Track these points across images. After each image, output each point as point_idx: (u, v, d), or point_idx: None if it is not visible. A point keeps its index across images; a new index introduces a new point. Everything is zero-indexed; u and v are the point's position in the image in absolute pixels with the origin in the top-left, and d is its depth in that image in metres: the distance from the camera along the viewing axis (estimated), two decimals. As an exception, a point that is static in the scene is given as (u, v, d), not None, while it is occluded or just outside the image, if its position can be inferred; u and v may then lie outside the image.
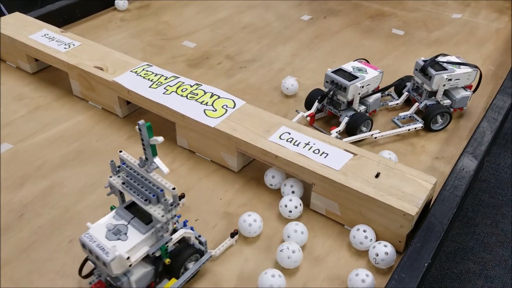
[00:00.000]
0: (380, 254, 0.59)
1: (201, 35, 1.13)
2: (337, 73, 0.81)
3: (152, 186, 0.51)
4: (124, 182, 0.53)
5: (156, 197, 0.51)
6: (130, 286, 0.52)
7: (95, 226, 0.52)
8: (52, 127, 0.83)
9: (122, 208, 0.54)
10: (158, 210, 0.51)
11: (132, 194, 0.52)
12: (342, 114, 0.81)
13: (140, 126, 0.49)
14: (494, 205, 1.55)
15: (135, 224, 0.52)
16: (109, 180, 0.55)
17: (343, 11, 1.25)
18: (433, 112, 0.81)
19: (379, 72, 0.82)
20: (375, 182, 0.63)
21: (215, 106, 0.76)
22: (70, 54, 0.89)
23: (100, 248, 0.50)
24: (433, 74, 0.80)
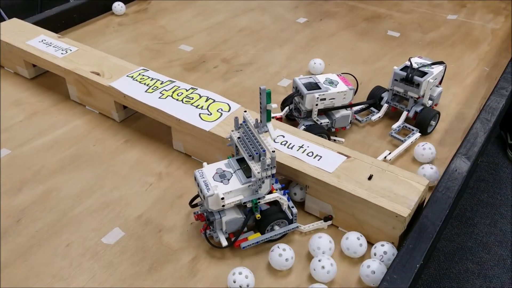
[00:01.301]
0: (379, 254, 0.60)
1: (198, 39, 1.14)
2: (304, 80, 0.80)
3: (258, 145, 0.59)
4: (239, 137, 0.61)
5: (258, 155, 0.58)
6: (221, 224, 0.60)
7: (208, 166, 0.61)
8: (50, 132, 0.84)
9: (234, 159, 0.63)
10: (257, 167, 0.58)
11: (242, 148, 0.60)
12: (301, 122, 0.80)
13: (261, 91, 0.56)
14: (492, 204, 1.56)
15: (238, 174, 0.61)
16: (230, 134, 0.63)
17: (339, 14, 1.26)
18: (427, 118, 0.81)
19: (348, 88, 0.79)
20: (368, 184, 0.63)
21: (210, 110, 0.77)
22: (67, 59, 0.90)
23: (204, 184, 0.59)
24: (420, 81, 0.80)
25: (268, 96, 0.56)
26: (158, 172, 0.76)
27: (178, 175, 0.76)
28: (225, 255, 0.63)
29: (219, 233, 0.61)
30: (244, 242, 0.62)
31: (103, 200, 0.71)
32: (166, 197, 0.71)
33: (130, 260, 0.62)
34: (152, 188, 0.73)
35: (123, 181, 0.74)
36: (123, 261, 0.62)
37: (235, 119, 0.62)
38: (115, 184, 0.73)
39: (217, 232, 0.61)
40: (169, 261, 0.62)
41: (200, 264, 0.62)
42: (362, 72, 1.01)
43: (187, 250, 0.64)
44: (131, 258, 0.62)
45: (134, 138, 0.83)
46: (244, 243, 0.62)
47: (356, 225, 0.65)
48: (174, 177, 0.75)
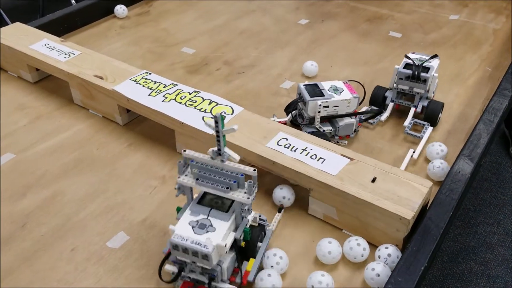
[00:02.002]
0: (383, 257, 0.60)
1: (200, 41, 1.14)
2: (308, 87, 0.80)
3: (231, 173, 0.54)
4: (198, 178, 0.55)
5: (237, 183, 0.54)
6: (223, 274, 0.55)
7: (179, 227, 0.54)
8: (53, 136, 0.84)
9: (195, 204, 0.56)
10: (241, 194, 0.54)
11: (210, 187, 0.54)
12: (304, 129, 0.80)
13: (217, 119, 0.52)
14: (495, 204, 1.56)
15: (215, 215, 0.55)
16: (179, 181, 0.56)
17: (340, 15, 1.26)
18: (436, 110, 0.84)
19: (353, 96, 0.79)
20: (372, 186, 0.64)
21: (213, 113, 0.77)
22: (70, 63, 0.91)
23: (196, 244, 0.52)
24: (427, 76, 0.82)
25: (223, 122, 0.52)
26: (161, 175, 0.76)
27: (181, 178, 0.76)
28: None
29: (222, 284, 0.55)
30: (248, 275, 0.58)
31: (107, 204, 0.71)
32: (170, 200, 0.72)
33: (135, 264, 0.62)
34: (156, 192, 0.73)
35: (126, 185, 0.74)
36: (128, 265, 0.62)
37: (179, 163, 0.56)
38: (119, 188, 0.74)
39: (219, 285, 0.55)
40: (174, 264, 0.62)
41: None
42: (364, 73, 1.02)
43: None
44: (136, 262, 0.63)
45: (138, 142, 0.83)
46: (250, 276, 0.58)
47: (360, 228, 0.65)
48: (177, 181, 0.75)
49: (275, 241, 0.66)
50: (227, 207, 0.56)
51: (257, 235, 0.59)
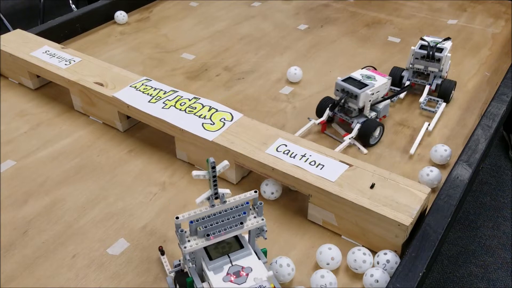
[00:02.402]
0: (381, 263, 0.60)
1: (200, 47, 1.14)
2: (347, 81, 0.83)
3: (237, 208, 0.51)
4: (208, 234, 0.50)
5: (245, 214, 0.52)
6: None
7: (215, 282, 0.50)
8: (54, 143, 0.85)
9: (209, 263, 0.52)
10: (252, 220, 0.53)
11: (224, 234, 0.51)
12: (354, 121, 0.83)
13: (214, 164, 0.48)
14: (495, 207, 1.56)
15: (237, 257, 0.52)
16: (187, 251, 0.50)
17: (340, 20, 1.27)
18: (449, 88, 0.92)
19: (387, 79, 0.84)
20: (370, 193, 0.64)
21: (213, 120, 0.78)
22: (70, 70, 0.91)
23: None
24: (441, 56, 0.90)
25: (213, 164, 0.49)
26: (161, 181, 0.77)
27: (181, 184, 0.76)
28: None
29: None
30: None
31: (107, 210, 0.72)
32: (170, 207, 0.72)
33: (135, 271, 0.63)
34: (156, 198, 0.74)
35: (127, 192, 0.75)
36: (129, 271, 0.63)
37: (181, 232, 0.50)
38: (119, 195, 0.74)
39: None
40: (174, 271, 0.63)
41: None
42: (363, 78, 1.02)
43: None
44: (136, 269, 0.63)
45: (138, 148, 0.84)
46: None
47: (360, 234, 0.65)
48: (177, 187, 0.76)
49: (275, 247, 0.66)
50: (238, 243, 0.53)
51: None
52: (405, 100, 0.95)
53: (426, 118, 0.89)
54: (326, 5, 1.35)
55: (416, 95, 0.96)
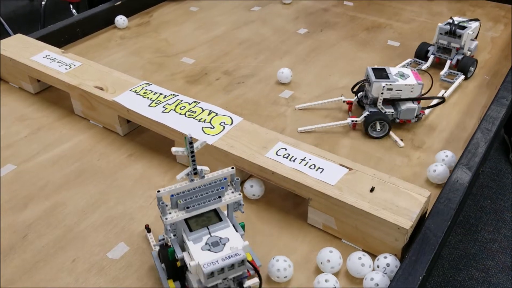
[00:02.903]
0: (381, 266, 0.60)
1: (199, 51, 1.15)
2: (376, 70, 0.86)
3: (215, 183, 0.54)
4: (187, 207, 0.53)
5: (223, 188, 0.55)
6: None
7: (200, 259, 0.51)
8: (55, 147, 0.85)
9: (189, 233, 0.54)
10: (230, 195, 0.55)
11: (203, 207, 0.54)
12: (366, 108, 0.87)
13: (191, 140, 0.52)
14: (496, 211, 1.56)
15: (215, 228, 0.55)
16: (168, 222, 0.53)
17: (339, 24, 1.27)
18: (468, 64, 1.00)
19: (417, 82, 0.84)
20: (370, 196, 0.64)
21: (213, 124, 0.78)
22: (71, 74, 0.91)
23: (227, 258, 0.51)
24: (462, 32, 0.99)
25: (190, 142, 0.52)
26: (161, 185, 0.77)
27: (181, 188, 0.76)
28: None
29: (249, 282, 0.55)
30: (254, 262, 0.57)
31: (107, 214, 0.72)
32: (170, 211, 0.72)
33: (135, 275, 0.63)
34: (156, 202, 0.74)
35: (127, 196, 0.75)
36: (129, 276, 0.63)
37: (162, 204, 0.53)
38: (119, 199, 0.74)
39: (247, 283, 0.55)
40: (174, 275, 0.63)
41: (205, 278, 0.62)
42: (363, 82, 1.02)
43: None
44: (136, 273, 0.63)
45: (138, 152, 0.84)
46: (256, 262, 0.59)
47: (359, 237, 0.65)
48: (177, 191, 0.76)
49: (275, 251, 0.66)
50: (217, 216, 0.56)
51: None
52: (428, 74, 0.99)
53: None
54: (325, 9, 1.35)
55: (440, 70, 1.03)
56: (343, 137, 0.86)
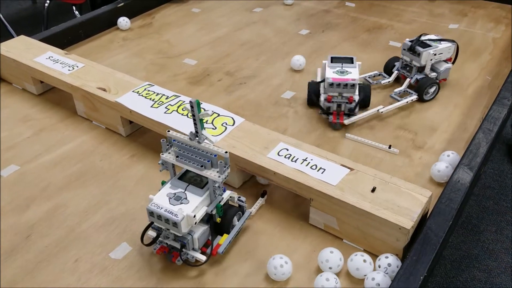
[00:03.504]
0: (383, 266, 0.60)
1: (202, 52, 1.15)
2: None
3: (206, 153, 0.59)
4: (178, 156, 0.61)
5: (210, 162, 0.59)
6: (193, 243, 0.61)
7: (157, 197, 0.60)
8: (57, 148, 0.85)
9: (175, 179, 0.62)
10: (214, 173, 0.59)
11: (188, 164, 0.60)
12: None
13: (193, 104, 0.56)
14: (498, 211, 1.56)
15: (191, 190, 0.61)
16: (162, 157, 0.62)
17: (341, 25, 1.27)
18: (424, 85, 0.93)
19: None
20: (371, 196, 0.64)
21: (214, 124, 0.78)
22: (74, 76, 0.92)
23: (168, 212, 0.58)
24: (421, 51, 0.92)
25: (199, 106, 0.57)
26: (164, 186, 0.77)
27: (183, 189, 0.77)
28: (229, 265, 0.64)
29: (193, 253, 0.62)
30: (219, 247, 0.63)
31: (110, 215, 0.72)
32: (172, 211, 0.72)
33: (137, 275, 0.63)
34: (158, 203, 0.74)
35: (129, 196, 0.75)
36: (130, 276, 0.63)
37: (162, 141, 0.62)
38: (121, 199, 0.75)
39: (191, 253, 0.62)
40: (176, 275, 0.63)
41: (207, 277, 0.63)
42: (365, 83, 1.02)
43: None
44: (138, 273, 0.63)
45: (140, 153, 0.84)
46: (220, 248, 0.63)
47: (361, 237, 0.65)
48: (179, 191, 0.76)
49: (277, 251, 0.66)
50: (204, 184, 0.61)
51: (233, 214, 0.65)
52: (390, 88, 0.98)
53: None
54: (327, 10, 1.35)
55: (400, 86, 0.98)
56: (344, 138, 0.86)
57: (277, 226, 0.70)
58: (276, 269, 0.60)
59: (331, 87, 0.85)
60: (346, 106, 0.87)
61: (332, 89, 0.85)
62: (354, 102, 0.86)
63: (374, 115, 0.91)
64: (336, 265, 0.61)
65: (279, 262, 0.61)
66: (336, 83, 0.85)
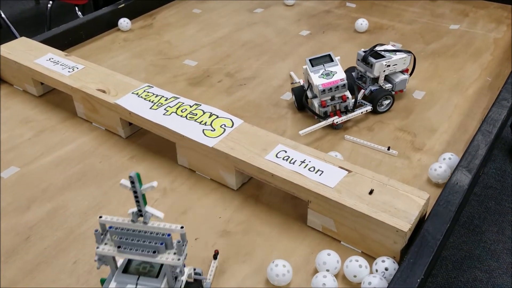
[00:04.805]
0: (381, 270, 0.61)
1: (202, 53, 1.15)
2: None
3: (156, 235, 0.49)
4: (119, 246, 0.49)
5: (164, 244, 0.49)
6: None
7: None
8: (57, 149, 0.86)
9: (120, 274, 0.50)
10: (171, 256, 0.49)
11: (135, 253, 0.49)
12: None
13: (133, 179, 0.46)
14: (500, 212, 1.55)
15: (145, 283, 0.50)
16: (98, 252, 0.49)
17: (342, 26, 1.27)
18: (378, 96, 0.91)
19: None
20: (369, 198, 0.64)
21: (213, 126, 0.78)
22: (74, 77, 0.92)
23: None
24: (373, 62, 0.90)
25: (140, 180, 0.47)
26: (162, 187, 0.77)
27: (182, 190, 0.77)
28: (227, 267, 0.64)
29: None
30: None
31: (109, 216, 0.72)
32: (171, 213, 0.73)
33: (135, 277, 0.63)
34: (157, 204, 0.74)
35: (128, 198, 0.75)
36: (129, 277, 0.63)
37: (96, 232, 0.49)
38: (121, 201, 0.75)
39: None
40: (174, 277, 0.63)
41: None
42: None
43: (192, 265, 0.65)
44: (136, 275, 0.63)
45: (140, 154, 0.84)
46: None
47: (358, 240, 0.65)
48: (178, 193, 0.76)
49: (275, 253, 0.66)
50: (157, 271, 0.50)
51: None
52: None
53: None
54: (328, 11, 1.35)
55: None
56: (343, 140, 0.86)
57: (275, 228, 0.70)
58: (278, 277, 0.60)
59: (323, 93, 0.85)
60: (341, 105, 0.87)
61: (324, 94, 0.85)
62: (348, 99, 0.87)
63: (376, 117, 0.91)
64: (334, 267, 0.61)
65: (281, 271, 0.60)
66: (328, 88, 0.85)
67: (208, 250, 0.67)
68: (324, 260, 0.61)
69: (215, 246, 0.67)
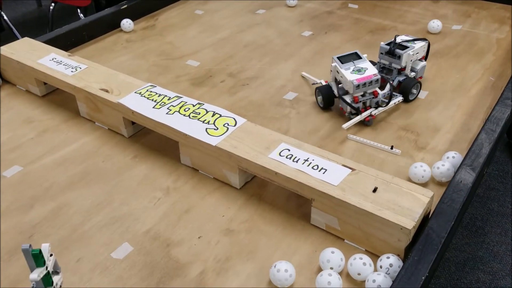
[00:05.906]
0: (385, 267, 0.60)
1: (204, 54, 1.15)
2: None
3: None
4: None
5: None
6: None
7: None
8: (60, 148, 0.86)
9: None
10: None
11: None
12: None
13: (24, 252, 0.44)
14: (503, 213, 1.55)
15: None
16: None
17: (344, 26, 1.27)
18: (409, 85, 0.94)
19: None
20: (373, 196, 0.64)
21: (216, 125, 0.78)
22: (77, 77, 0.92)
23: None
24: (401, 53, 0.92)
25: (37, 258, 0.44)
26: (166, 186, 0.77)
27: (185, 189, 0.77)
28: (230, 266, 0.64)
29: None
30: None
31: (112, 215, 0.72)
32: (174, 211, 0.73)
33: (139, 275, 0.63)
34: (160, 203, 0.74)
35: (131, 197, 0.75)
36: (132, 275, 0.63)
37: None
38: (124, 200, 0.75)
39: None
40: (177, 275, 0.63)
41: (208, 278, 0.63)
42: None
43: (195, 264, 0.65)
44: (140, 273, 0.63)
45: (143, 154, 0.84)
46: None
47: (362, 238, 0.65)
48: (181, 192, 0.76)
49: (278, 252, 0.66)
50: None
51: None
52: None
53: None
54: (330, 12, 1.35)
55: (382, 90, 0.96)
56: (347, 139, 0.86)
57: (279, 226, 0.70)
58: (280, 281, 0.60)
59: (357, 88, 0.86)
60: (372, 101, 0.89)
61: (358, 90, 0.86)
62: (379, 95, 0.88)
63: (379, 116, 0.91)
64: (337, 265, 0.61)
65: (283, 276, 0.60)
66: (362, 83, 0.85)
67: (211, 248, 0.67)
68: (328, 258, 0.61)
69: (218, 245, 0.67)
